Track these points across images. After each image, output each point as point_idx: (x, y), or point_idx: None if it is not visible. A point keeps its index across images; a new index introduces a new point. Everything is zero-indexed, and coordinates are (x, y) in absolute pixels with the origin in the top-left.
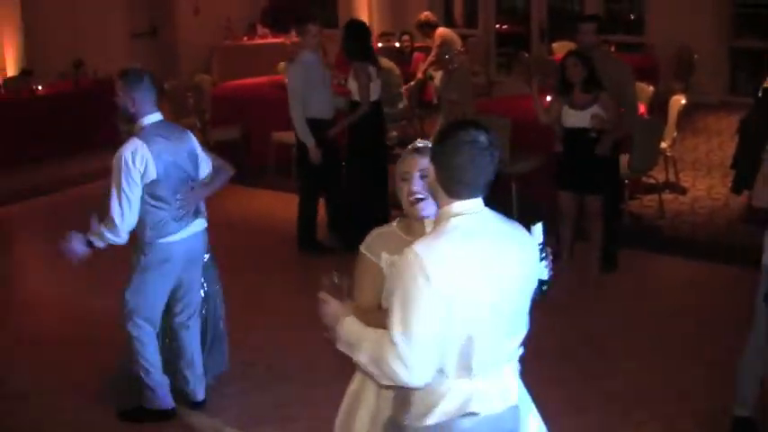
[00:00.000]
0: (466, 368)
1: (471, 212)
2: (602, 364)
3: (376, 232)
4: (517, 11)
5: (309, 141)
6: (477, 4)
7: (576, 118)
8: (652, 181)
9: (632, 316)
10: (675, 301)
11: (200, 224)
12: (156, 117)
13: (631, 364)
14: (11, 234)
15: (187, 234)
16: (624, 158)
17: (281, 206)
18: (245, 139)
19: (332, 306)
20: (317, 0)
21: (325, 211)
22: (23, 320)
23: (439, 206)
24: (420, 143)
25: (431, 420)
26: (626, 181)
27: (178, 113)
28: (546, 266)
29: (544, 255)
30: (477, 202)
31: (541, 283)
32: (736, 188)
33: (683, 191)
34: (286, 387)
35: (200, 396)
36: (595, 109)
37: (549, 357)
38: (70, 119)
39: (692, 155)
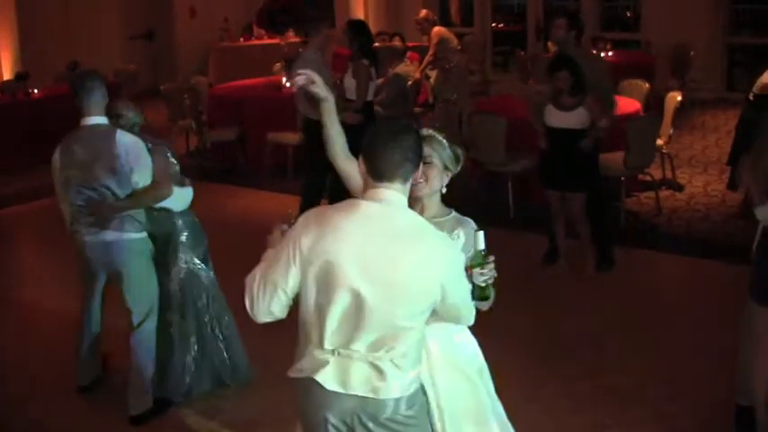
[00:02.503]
0: (320, 338)
1: (381, 202)
2: (600, 362)
3: None
4: (513, 9)
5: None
6: (473, 3)
7: (560, 118)
8: (648, 178)
9: (629, 313)
10: (672, 297)
11: (111, 236)
12: (87, 121)
13: (629, 361)
14: (9, 237)
15: (97, 240)
16: (620, 155)
17: (277, 206)
18: (241, 140)
19: (274, 234)
20: (314, 0)
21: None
22: (23, 322)
23: (363, 189)
24: (430, 133)
25: (293, 374)
26: (622, 178)
27: (175, 115)
28: (483, 273)
29: (483, 262)
30: (392, 194)
31: (477, 287)
32: (733, 185)
33: (680, 188)
34: (283, 388)
35: (132, 411)
36: (581, 111)
37: (547, 355)
38: (67, 121)
39: (689, 152)
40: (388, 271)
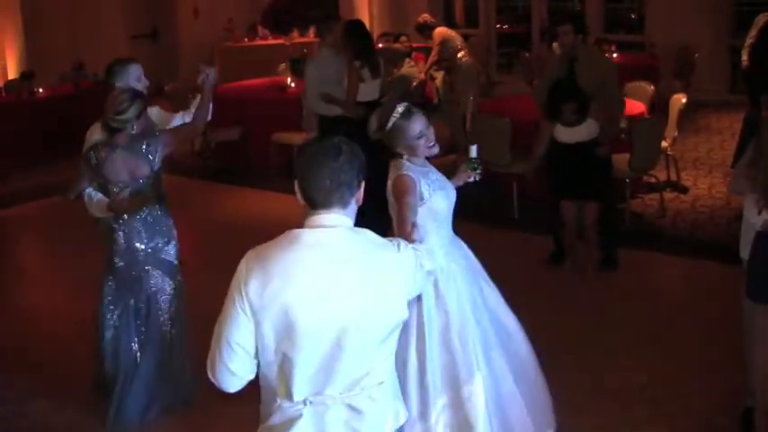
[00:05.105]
0: (288, 390)
1: (322, 228)
2: (603, 363)
3: (403, 164)
4: (518, 11)
5: (334, 111)
6: (477, 4)
7: (570, 134)
8: (653, 180)
9: (633, 315)
10: (676, 299)
11: None
12: None
13: (631, 362)
14: (13, 236)
15: None
16: (625, 158)
17: (280, 207)
18: (245, 141)
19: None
20: (318, 1)
21: None
22: (26, 321)
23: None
24: (409, 105)
25: None
26: (627, 180)
27: None
28: (475, 174)
29: (476, 165)
30: (333, 218)
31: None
32: None
33: (685, 190)
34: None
35: None
36: (589, 122)
37: (550, 356)
38: (71, 121)
39: (693, 153)
40: (349, 301)
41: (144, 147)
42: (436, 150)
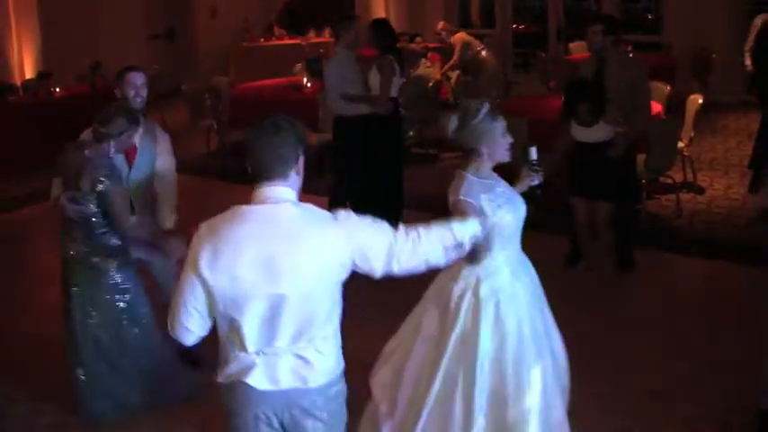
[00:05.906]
0: (241, 344)
1: (264, 202)
2: (620, 365)
3: (465, 179)
4: (534, 11)
5: (362, 109)
6: (493, 5)
7: (586, 134)
8: (669, 181)
9: (649, 316)
10: (692, 300)
11: None
12: None
13: (650, 363)
14: (30, 236)
15: None
16: (641, 158)
17: None
18: None
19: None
20: (334, 1)
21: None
22: (43, 320)
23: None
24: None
25: (220, 379)
26: (643, 181)
27: (195, 115)
28: (536, 175)
29: (537, 168)
30: (277, 191)
31: (535, 187)
32: (754, 188)
33: (701, 190)
34: None
35: None
36: (602, 125)
37: (568, 357)
38: (88, 121)
39: (710, 154)
40: (291, 270)
41: (99, 172)
42: (508, 157)
